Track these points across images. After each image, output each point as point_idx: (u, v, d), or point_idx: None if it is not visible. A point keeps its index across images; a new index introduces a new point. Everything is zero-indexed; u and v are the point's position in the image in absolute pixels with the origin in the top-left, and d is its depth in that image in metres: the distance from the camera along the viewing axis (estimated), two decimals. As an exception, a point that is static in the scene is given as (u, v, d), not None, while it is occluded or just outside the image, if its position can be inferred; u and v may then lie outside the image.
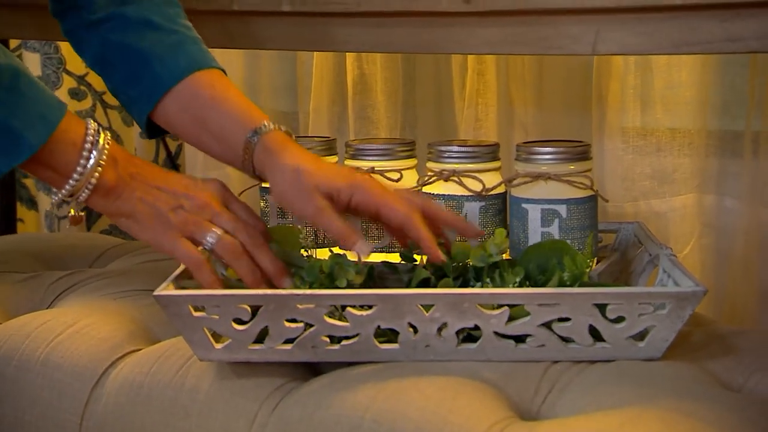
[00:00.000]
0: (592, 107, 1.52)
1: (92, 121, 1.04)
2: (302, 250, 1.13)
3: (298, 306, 0.99)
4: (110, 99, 2.00)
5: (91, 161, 1.02)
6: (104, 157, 1.03)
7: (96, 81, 1.98)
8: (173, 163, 1.98)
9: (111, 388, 1.08)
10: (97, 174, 1.02)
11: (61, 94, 1.97)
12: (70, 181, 1.02)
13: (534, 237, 1.10)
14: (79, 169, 1.02)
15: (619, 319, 0.99)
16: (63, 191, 1.03)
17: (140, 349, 1.12)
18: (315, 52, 1.74)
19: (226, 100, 1.15)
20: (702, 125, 1.47)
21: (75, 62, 1.97)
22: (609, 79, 1.49)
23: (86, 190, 1.03)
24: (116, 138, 2.00)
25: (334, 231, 1.05)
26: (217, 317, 0.99)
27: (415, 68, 1.70)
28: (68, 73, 1.98)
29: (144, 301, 1.23)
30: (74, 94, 1.97)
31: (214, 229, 1.05)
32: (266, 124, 1.11)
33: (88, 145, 1.02)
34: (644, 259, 1.17)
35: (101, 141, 1.03)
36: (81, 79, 1.98)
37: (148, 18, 1.19)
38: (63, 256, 1.50)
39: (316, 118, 1.74)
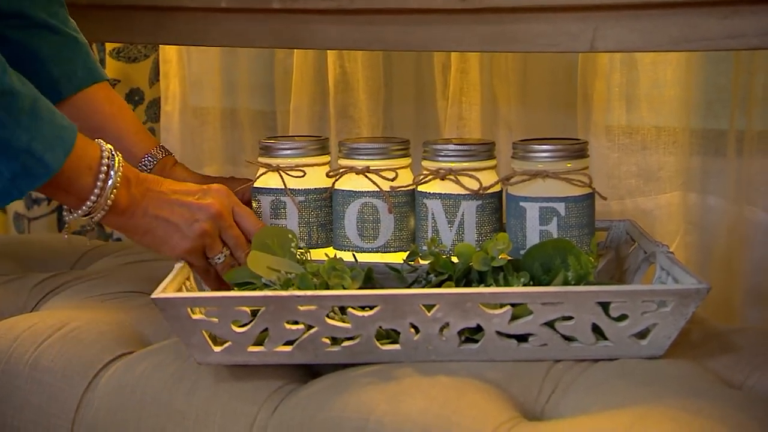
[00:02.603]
0: (577, 105, 1.51)
1: (105, 143, 1.07)
2: (294, 251, 1.12)
3: (299, 307, 0.97)
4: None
5: (108, 184, 1.05)
6: (118, 179, 1.06)
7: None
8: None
9: (103, 392, 1.06)
10: (112, 196, 1.06)
11: None
12: (87, 203, 1.05)
13: (532, 235, 1.09)
14: (96, 191, 1.05)
15: (622, 317, 0.98)
16: (79, 212, 1.06)
17: (132, 352, 1.10)
18: (295, 51, 1.72)
19: (122, 121, 1.28)
20: (686, 124, 1.47)
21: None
22: (594, 77, 1.49)
23: (102, 212, 1.06)
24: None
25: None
26: (216, 320, 0.98)
27: (396, 67, 1.69)
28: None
29: (132, 303, 1.22)
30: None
31: (222, 251, 1.12)
32: (153, 153, 1.27)
33: (104, 168, 1.05)
34: (639, 256, 1.17)
35: (116, 164, 1.06)
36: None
37: (46, 20, 1.24)
38: (43, 258, 1.47)
39: (296, 117, 1.73)
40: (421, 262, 1.09)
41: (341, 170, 1.16)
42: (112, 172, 1.05)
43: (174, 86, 1.87)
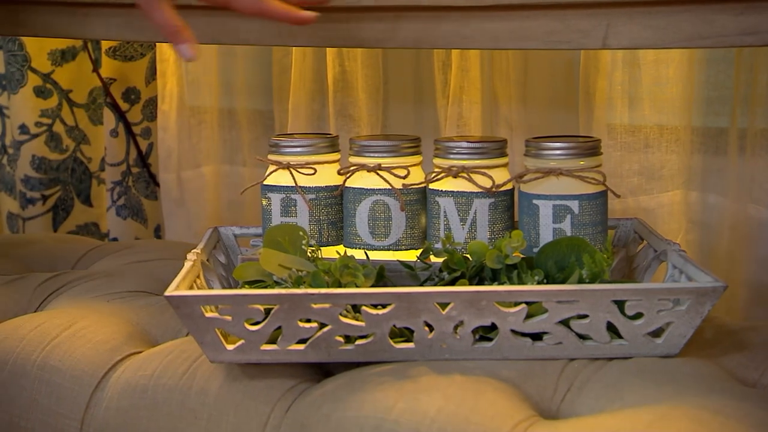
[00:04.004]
0: (579, 104, 1.51)
1: None
2: (305, 248, 1.11)
3: (313, 305, 0.97)
4: (76, 97, 1.95)
5: None
6: None
7: (62, 79, 1.94)
8: (144, 162, 1.94)
9: (113, 392, 1.05)
10: None
11: (26, 92, 1.92)
12: None
13: (545, 233, 1.09)
14: None
15: (637, 316, 0.98)
16: None
17: (141, 352, 1.09)
18: (293, 51, 1.72)
19: None
20: (688, 122, 1.47)
21: (40, 60, 1.93)
22: (596, 75, 1.49)
23: None
24: (83, 137, 1.96)
25: (161, 21, 1.06)
26: (229, 318, 0.97)
27: (396, 65, 1.69)
28: (33, 70, 1.93)
29: (138, 303, 1.21)
30: (39, 92, 1.93)
31: None
32: None
33: None
34: (649, 255, 1.16)
35: None
36: (46, 77, 1.93)
37: None
38: (42, 258, 1.46)
39: (294, 116, 1.72)
40: (435, 259, 1.09)
41: (353, 168, 1.15)
42: None
43: (171, 85, 1.86)
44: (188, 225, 1.89)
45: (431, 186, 1.13)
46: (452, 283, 1.05)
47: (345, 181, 1.16)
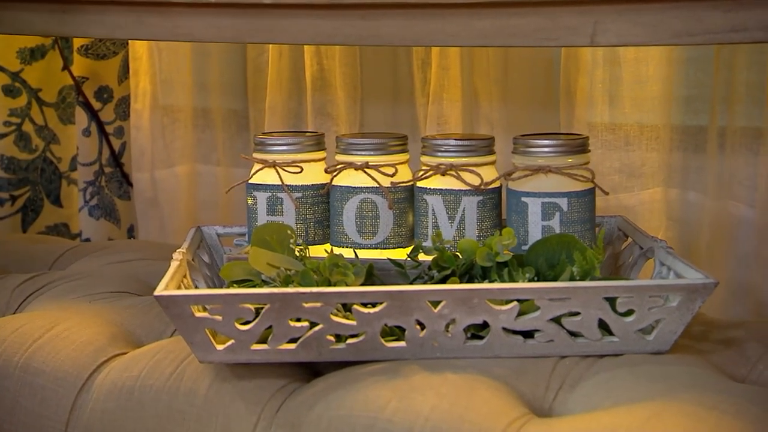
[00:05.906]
0: (559, 102, 1.51)
1: None
2: (293, 247, 1.10)
3: (304, 304, 0.96)
4: (46, 96, 1.93)
5: None
6: None
7: (31, 78, 1.91)
8: (117, 162, 1.92)
9: (98, 394, 1.03)
10: None
11: (-5, 91, 1.90)
12: None
13: (534, 231, 1.08)
14: None
15: (629, 313, 0.98)
16: None
17: (126, 353, 1.08)
18: (270, 49, 1.70)
19: None
20: (668, 120, 1.47)
21: (8, 58, 1.90)
22: (577, 73, 1.49)
23: None
24: (53, 137, 1.94)
25: None
26: (219, 318, 0.96)
27: (374, 64, 1.68)
28: (1, 69, 1.90)
29: (121, 303, 1.19)
30: (8, 91, 1.90)
31: None
32: None
33: None
34: (635, 252, 1.16)
35: None
36: (15, 75, 1.91)
37: None
38: (18, 259, 1.44)
39: (271, 115, 1.71)
40: (424, 257, 1.08)
41: (340, 166, 1.14)
42: None
43: (144, 84, 1.84)
44: (162, 225, 1.87)
45: (419, 184, 1.12)
46: (443, 281, 1.04)
47: (332, 179, 1.15)
